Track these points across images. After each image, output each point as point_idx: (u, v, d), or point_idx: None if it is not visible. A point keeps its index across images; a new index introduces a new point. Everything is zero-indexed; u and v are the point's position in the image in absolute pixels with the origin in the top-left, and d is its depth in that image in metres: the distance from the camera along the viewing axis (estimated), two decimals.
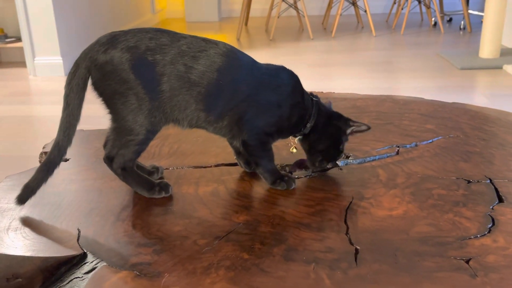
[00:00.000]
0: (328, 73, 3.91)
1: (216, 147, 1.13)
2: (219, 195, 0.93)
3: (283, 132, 0.96)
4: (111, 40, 0.87)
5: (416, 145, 1.12)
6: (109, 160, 0.92)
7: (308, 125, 0.96)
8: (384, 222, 0.82)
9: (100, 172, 1.03)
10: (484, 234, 0.78)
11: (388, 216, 0.84)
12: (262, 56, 4.52)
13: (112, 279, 0.70)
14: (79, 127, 0.92)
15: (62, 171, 1.06)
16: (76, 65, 0.88)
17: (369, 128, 0.97)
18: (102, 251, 0.77)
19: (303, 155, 1.01)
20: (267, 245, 0.77)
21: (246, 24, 6.15)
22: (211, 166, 1.04)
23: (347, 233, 0.79)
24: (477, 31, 4.41)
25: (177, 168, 1.04)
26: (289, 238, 0.79)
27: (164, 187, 0.92)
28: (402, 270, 0.70)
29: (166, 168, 1.04)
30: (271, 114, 0.93)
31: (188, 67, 0.87)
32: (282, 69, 0.97)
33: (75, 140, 1.26)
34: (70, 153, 1.15)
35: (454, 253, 0.73)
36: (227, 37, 5.48)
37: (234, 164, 1.04)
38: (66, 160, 1.11)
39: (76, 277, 0.73)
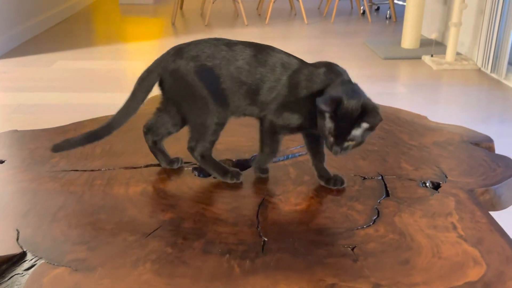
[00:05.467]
0: None
1: (146, 147, 1.23)
2: (148, 194, 1.04)
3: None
4: (178, 52, 1.04)
5: None
6: (191, 150, 1.09)
7: None
8: (289, 216, 0.97)
9: (35, 173, 1.11)
10: (369, 225, 0.94)
11: (293, 211, 0.99)
12: None
13: (50, 275, 0.80)
14: (13, 127, 0.99)
15: None
16: (148, 71, 1.06)
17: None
18: (40, 250, 0.86)
19: None
20: (189, 239, 0.89)
21: (181, 7, 6.15)
22: (141, 167, 1.15)
23: (257, 227, 0.93)
24: (402, 21, 4.71)
25: (109, 169, 1.14)
26: (208, 233, 0.91)
27: (236, 175, 1.08)
28: (300, 257, 0.85)
29: (99, 169, 1.14)
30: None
31: (239, 69, 1.03)
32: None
33: (10, 141, 1.32)
34: (5, 154, 1.22)
35: (343, 241, 0.89)
36: (161, 21, 5.47)
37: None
38: (2, 162, 1.17)
39: (17, 274, 0.83)
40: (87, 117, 1.42)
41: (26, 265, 0.84)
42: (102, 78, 3.56)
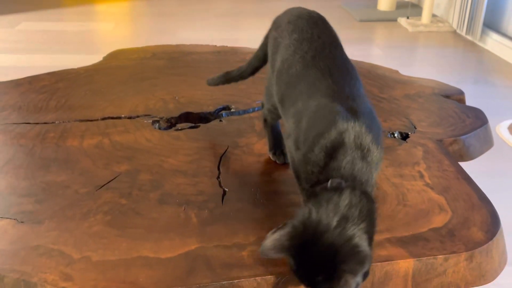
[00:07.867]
0: (236, 24, 3.95)
1: (104, 101, 1.17)
2: (103, 147, 0.98)
3: None
4: (284, 13, 0.97)
5: None
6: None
7: None
8: (252, 167, 0.93)
9: None
10: None
11: (256, 162, 0.95)
12: (170, 4, 4.44)
13: None
14: None
15: None
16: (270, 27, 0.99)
17: None
18: None
19: None
20: (144, 191, 0.85)
21: None
22: (97, 120, 1.09)
23: (218, 178, 0.89)
24: None
25: (63, 122, 1.07)
26: (166, 184, 0.87)
27: (278, 156, 0.95)
28: (260, 207, 0.81)
29: (52, 122, 1.07)
30: None
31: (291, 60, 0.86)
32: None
33: None
34: None
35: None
36: None
37: (120, 118, 1.09)
38: None
39: None
40: None
41: None
42: (70, 40, 3.42)
